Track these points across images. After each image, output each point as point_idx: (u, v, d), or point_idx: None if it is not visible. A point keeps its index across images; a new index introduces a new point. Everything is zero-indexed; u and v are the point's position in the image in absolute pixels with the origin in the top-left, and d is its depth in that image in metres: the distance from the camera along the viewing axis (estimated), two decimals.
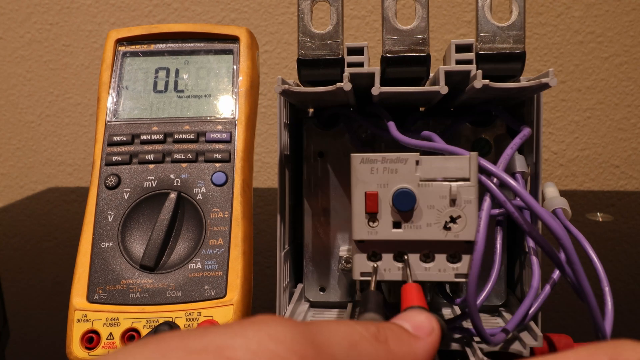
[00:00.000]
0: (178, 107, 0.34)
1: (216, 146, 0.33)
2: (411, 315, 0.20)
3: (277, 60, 0.86)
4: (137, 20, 0.87)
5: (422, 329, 0.19)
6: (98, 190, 0.32)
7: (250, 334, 0.14)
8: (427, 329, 0.19)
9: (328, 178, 0.35)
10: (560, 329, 0.31)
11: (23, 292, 0.45)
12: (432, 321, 0.19)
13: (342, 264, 0.33)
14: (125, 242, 0.31)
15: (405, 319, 0.19)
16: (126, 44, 0.36)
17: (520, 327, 0.29)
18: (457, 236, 0.25)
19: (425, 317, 0.19)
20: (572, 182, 0.85)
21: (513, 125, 0.32)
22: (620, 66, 0.82)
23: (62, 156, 0.93)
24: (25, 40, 0.90)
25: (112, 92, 0.35)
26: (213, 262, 0.31)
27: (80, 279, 0.30)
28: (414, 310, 0.20)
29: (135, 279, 0.30)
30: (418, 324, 0.19)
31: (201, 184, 0.32)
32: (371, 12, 0.83)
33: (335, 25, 0.29)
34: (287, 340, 0.14)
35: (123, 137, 0.33)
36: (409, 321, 0.19)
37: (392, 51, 0.29)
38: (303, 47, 0.29)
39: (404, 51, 0.29)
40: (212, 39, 0.36)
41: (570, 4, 0.81)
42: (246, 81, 0.34)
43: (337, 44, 0.29)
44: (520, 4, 0.28)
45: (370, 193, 0.25)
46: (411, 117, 0.34)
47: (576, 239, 0.28)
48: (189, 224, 0.32)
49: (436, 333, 0.19)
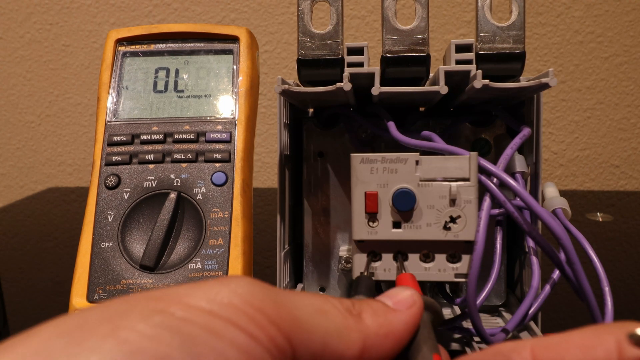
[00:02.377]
0: (178, 107, 0.34)
1: (216, 146, 0.33)
2: (394, 291, 0.19)
3: (277, 60, 0.86)
4: (137, 20, 0.87)
5: (402, 303, 0.18)
6: (98, 190, 0.32)
7: (212, 287, 0.14)
8: (408, 302, 0.18)
9: (328, 178, 0.35)
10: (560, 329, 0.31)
11: (23, 292, 0.45)
12: (414, 295, 0.19)
13: (342, 264, 0.33)
14: (125, 242, 0.31)
15: (387, 295, 0.19)
16: (126, 44, 0.36)
17: (520, 327, 0.29)
18: (457, 236, 0.25)
19: (408, 292, 0.19)
20: (572, 182, 0.85)
21: (513, 125, 0.32)
22: (620, 66, 0.82)
23: (62, 156, 0.93)
24: (25, 40, 0.90)
25: (112, 92, 0.35)
26: (213, 262, 0.31)
27: (80, 279, 0.30)
28: (398, 288, 0.19)
29: (135, 279, 0.30)
30: (399, 299, 0.18)
31: (201, 184, 0.32)
32: (371, 12, 0.83)
33: (335, 25, 0.29)
34: (246, 294, 0.14)
35: (123, 137, 0.33)
36: (390, 297, 0.19)
37: (392, 51, 0.29)
38: (303, 47, 0.29)
39: (404, 51, 0.29)
40: (212, 39, 0.36)
41: (570, 4, 0.81)
42: (246, 81, 0.34)
43: (337, 44, 0.29)
44: (520, 4, 0.28)
45: (370, 193, 0.25)
46: (411, 117, 0.34)
47: (576, 239, 0.28)
48: (189, 224, 0.32)
49: (417, 306, 0.18)
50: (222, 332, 0.13)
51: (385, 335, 0.17)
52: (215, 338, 0.13)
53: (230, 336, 0.13)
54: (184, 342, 0.13)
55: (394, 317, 0.18)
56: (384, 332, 0.17)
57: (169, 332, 0.13)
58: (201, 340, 0.13)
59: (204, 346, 0.13)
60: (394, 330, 0.17)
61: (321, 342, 0.15)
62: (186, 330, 0.13)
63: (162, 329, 0.13)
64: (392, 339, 0.17)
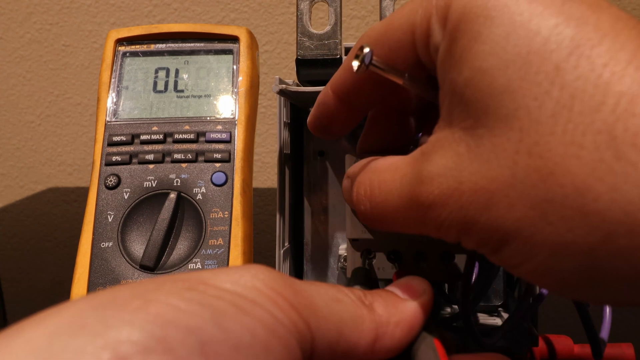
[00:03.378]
0: (178, 107, 0.34)
1: (216, 146, 0.33)
2: (402, 280, 0.19)
3: (277, 60, 0.86)
4: (137, 20, 0.87)
5: (412, 291, 0.18)
6: (98, 190, 0.33)
7: (235, 271, 0.15)
8: (418, 290, 0.18)
9: (328, 177, 0.35)
10: (559, 329, 0.31)
11: (23, 292, 0.45)
12: (424, 283, 0.19)
13: (342, 262, 0.33)
14: (125, 242, 0.31)
15: (395, 285, 0.19)
16: (126, 44, 0.36)
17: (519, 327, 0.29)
18: None
19: (417, 281, 0.19)
20: None
21: None
22: None
23: (62, 156, 0.93)
24: (25, 40, 0.90)
25: (112, 92, 0.35)
26: (213, 262, 0.31)
27: (80, 279, 0.30)
28: (407, 277, 0.20)
29: (135, 279, 0.30)
30: (408, 288, 0.19)
31: (201, 184, 0.32)
32: (371, 12, 0.83)
33: (333, 26, 0.29)
34: (267, 279, 0.15)
35: (123, 137, 0.33)
36: (399, 286, 0.19)
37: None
38: (301, 47, 0.29)
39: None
40: (212, 39, 0.36)
41: None
42: (246, 81, 0.34)
43: (336, 44, 0.29)
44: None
45: None
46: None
47: None
48: (188, 224, 0.32)
49: (428, 294, 0.18)
50: (249, 310, 0.13)
51: (396, 324, 0.17)
52: (244, 315, 0.13)
53: (258, 315, 0.13)
54: (214, 316, 0.13)
55: (405, 307, 0.18)
56: (396, 321, 0.17)
57: (200, 306, 0.13)
58: (231, 315, 0.13)
59: (234, 321, 0.13)
60: (405, 319, 0.17)
61: (337, 330, 0.15)
62: (217, 305, 0.13)
63: (194, 303, 0.13)
64: (404, 327, 0.17)
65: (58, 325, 0.12)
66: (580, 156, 0.13)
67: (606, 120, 0.13)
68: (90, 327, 0.12)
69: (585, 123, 0.13)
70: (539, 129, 0.14)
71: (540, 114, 0.14)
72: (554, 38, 0.14)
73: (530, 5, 0.15)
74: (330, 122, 0.23)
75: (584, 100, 0.13)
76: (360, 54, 0.17)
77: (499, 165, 0.15)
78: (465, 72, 0.16)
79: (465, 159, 0.16)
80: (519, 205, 0.14)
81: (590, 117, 0.13)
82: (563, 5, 0.15)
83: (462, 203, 0.16)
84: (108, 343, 0.11)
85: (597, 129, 0.13)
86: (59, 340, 0.11)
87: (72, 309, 0.12)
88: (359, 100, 0.21)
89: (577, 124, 0.13)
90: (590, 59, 0.14)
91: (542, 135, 0.14)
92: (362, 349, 0.16)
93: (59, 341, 0.11)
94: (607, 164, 0.13)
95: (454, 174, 0.16)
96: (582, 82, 0.13)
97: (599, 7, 0.15)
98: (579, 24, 0.14)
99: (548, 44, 0.14)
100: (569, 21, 0.14)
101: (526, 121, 0.14)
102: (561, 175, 0.13)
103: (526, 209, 0.14)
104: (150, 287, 0.13)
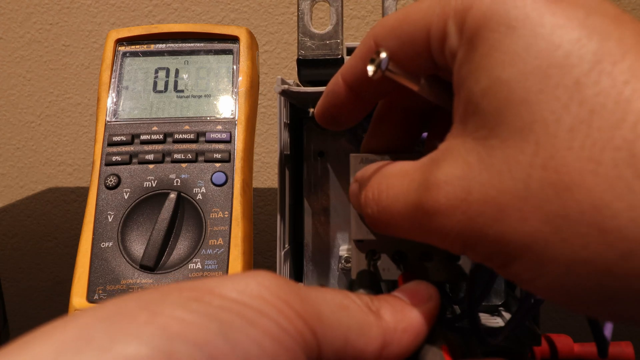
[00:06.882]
0: (178, 107, 0.34)
1: (216, 146, 0.33)
2: (408, 285, 0.19)
3: (277, 60, 0.86)
4: (137, 20, 0.87)
5: (419, 297, 0.18)
6: (98, 190, 0.32)
7: (241, 279, 0.15)
8: (425, 296, 0.18)
9: (328, 177, 0.35)
10: (560, 328, 0.31)
11: (23, 292, 0.45)
12: (430, 289, 0.19)
13: (342, 264, 0.33)
14: (125, 242, 0.31)
15: (401, 290, 0.19)
16: (126, 44, 0.36)
17: (520, 326, 0.29)
18: None
19: (423, 286, 0.19)
20: None
21: None
22: None
23: (62, 156, 0.93)
24: (25, 40, 0.90)
25: (112, 92, 0.35)
26: (213, 262, 0.31)
27: (80, 279, 0.30)
28: (414, 282, 0.19)
29: (135, 279, 0.30)
30: (415, 293, 0.18)
31: (201, 184, 0.32)
32: (371, 12, 0.83)
33: (334, 26, 0.29)
34: (273, 287, 0.15)
35: (123, 137, 0.33)
36: (405, 291, 0.19)
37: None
38: (303, 47, 0.29)
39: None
40: (212, 39, 0.36)
41: None
42: (246, 81, 0.34)
43: (337, 44, 0.29)
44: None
45: None
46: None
47: None
48: (188, 224, 0.32)
49: (434, 300, 0.18)
50: (256, 321, 0.13)
51: (404, 330, 0.17)
52: (251, 326, 0.13)
53: (264, 325, 0.13)
54: (222, 328, 0.13)
55: (412, 312, 0.17)
56: (403, 328, 0.17)
57: (207, 318, 0.13)
58: (238, 327, 0.13)
59: (241, 333, 0.13)
60: (413, 325, 0.17)
61: (343, 337, 0.15)
62: (223, 317, 0.13)
63: (200, 315, 0.13)
64: (411, 334, 0.17)
65: (64, 340, 0.12)
66: (598, 173, 0.13)
67: (626, 137, 0.13)
68: (97, 341, 0.11)
69: (604, 139, 0.13)
70: (555, 143, 0.14)
71: (558, 128, 0.14)
72: (576, 52, 0.14)
73: (552, 17, 0.15)
74: (339, 111, 0.22)
75: (603, 117, 0.13)
76: (377, 58, 0.17)
77: (512, 178, 0.14)
78: (483, 82, 0.15)
79: (475, 169, 0.15)
80: (532, 219, 0.14)
81: (610, 134, 0.13)
82: (586, 19, 0.14)
83: (470, 214, 0.15)
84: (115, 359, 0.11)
85: (616, 146, 0.13)
86: (65, 356, 0.11)
87: (77, 322, 0.12)
88: (369, 90, 0.21)
89: (595, 140, 0.13)
90: (611, 76, 0.13)
91: (559, 150, 0.14)
92: (369, 356, 0.16)
93: (66, 357, 0.11)
94: (626, 182, 0.13)
95: (462, 183, 0.16)
96: (602, 98, 0.13)
97: (622, 21, 0.14)
98: (602, 38, 0.14)
99: (569, 58, 0.14)
100: (592, 35, 0.14)
101: (543, 134, 0.14)
102: (577, 191, 0.13)
103: (539, 223, 0.14)
104: (156, 298, 0.13)
